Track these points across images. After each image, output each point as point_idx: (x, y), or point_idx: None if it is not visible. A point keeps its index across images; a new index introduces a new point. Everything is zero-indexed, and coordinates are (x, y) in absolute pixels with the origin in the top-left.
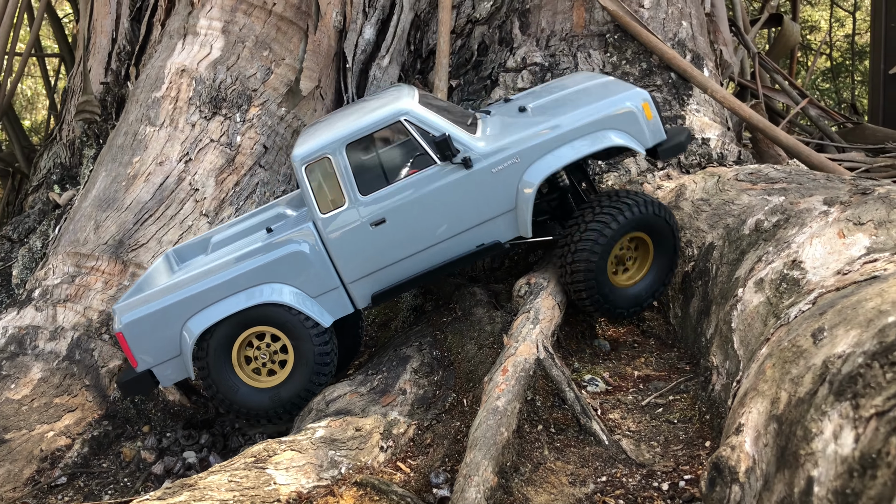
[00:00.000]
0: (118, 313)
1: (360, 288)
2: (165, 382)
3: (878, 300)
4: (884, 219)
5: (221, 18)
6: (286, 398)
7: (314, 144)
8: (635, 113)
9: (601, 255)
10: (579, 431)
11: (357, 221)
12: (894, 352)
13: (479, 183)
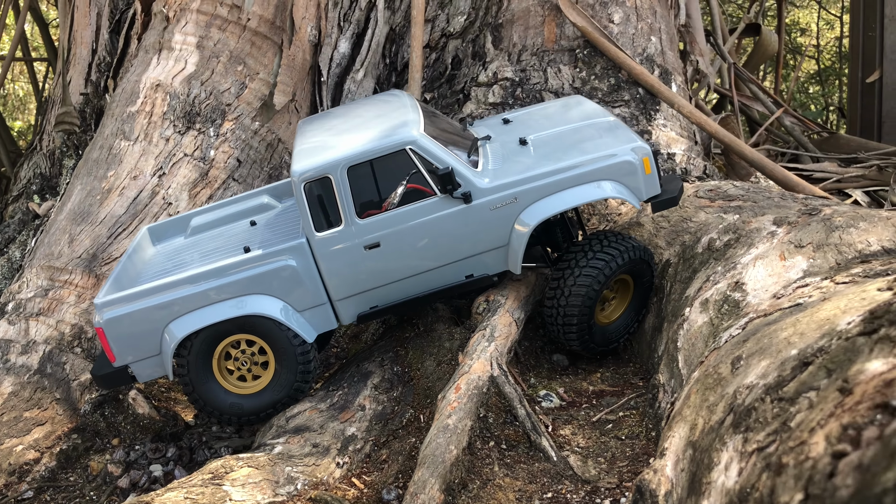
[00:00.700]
0: (99, 308)
1: (346, 306)
2: (142, 379)
3: (791, 330)
4: (822, 242)
5: (196, 34)
6: (266, 403)
7: (316, 162)
8: (636, 167)
9: (593, 300)
10: (529, 448)
11: (351, 243)
12: (785, 387)
13: (475, 218)
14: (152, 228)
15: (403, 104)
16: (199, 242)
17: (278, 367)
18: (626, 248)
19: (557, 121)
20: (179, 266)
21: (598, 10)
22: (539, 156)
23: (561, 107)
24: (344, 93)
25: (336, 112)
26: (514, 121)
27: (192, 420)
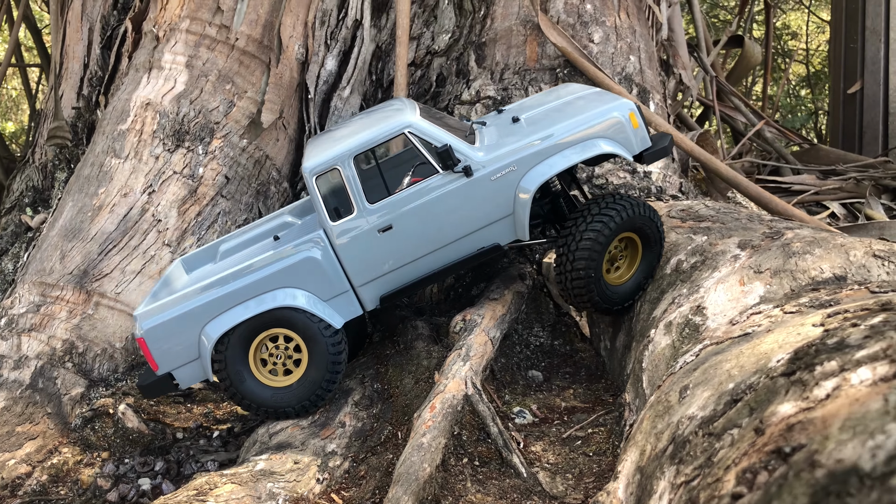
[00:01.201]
0: (139, 320)
1: (368, 291)
2: (185, 384)
3: (734, 363)
4: (780, 268)
5: (185, 53)
6: (303, 394)
7: (323, 157)
8: (623, 122)
9: (598, 258)
10: (501, 464)
11: (365, 228)
12: (715, 422)
13: (478, 190)
14: (186, 259)
15: (402, 105)
16: (235, 261)
17: (310, 357)
18: (624, 207)
19: (547, 100)
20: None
21: (578, 29)
22: (531, 128)
23: (550, 90)
24: (331, 109)
25: (341, 124)
26: (508, 109)
27: (181, 434)
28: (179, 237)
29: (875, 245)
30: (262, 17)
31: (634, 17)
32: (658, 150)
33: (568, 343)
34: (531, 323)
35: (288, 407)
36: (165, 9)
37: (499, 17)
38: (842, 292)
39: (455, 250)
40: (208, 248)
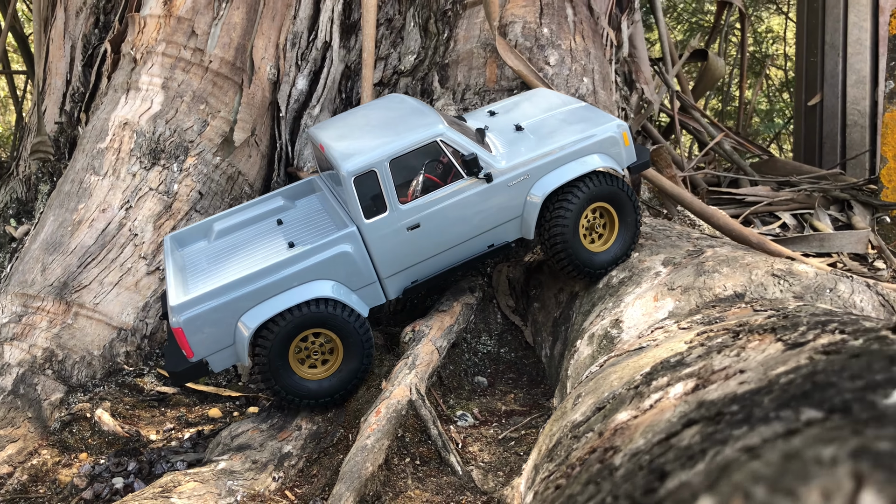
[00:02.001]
0: (177, 311)
1: (393, 283)
2: (217, 369)
3: (618, 374)
4: (690, 285)
5: (161, 75)
6: (342, 384)
7: (362, 160)
8: (618, 140)
9: (571, 226)
10: (440, 463)
11: (396, 226)
12: (582, 426)
13: (496, 194)
14: (175, 236)
15: (416, 105)
16: (234, 242)
17: (345, 349)
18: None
19: (539, 109)
20: (225, 263)
21: (535, 52)
22: (538, 138)
23: (532, 97)
24: (301, 127)
25: (347, 117)
26: (499, 112)
27: (154, 436)
28: (155, 250)
29: (776, 265)
30: (234, 40)
31: (590, 39)
32: (641, 164)
33: (513, 351)
34: (479, 332)
35: (328, 397)
36: (143, 32)
37: (461, 40)
38: (731, 310)
39: (470, 247)
40: (200, 225)
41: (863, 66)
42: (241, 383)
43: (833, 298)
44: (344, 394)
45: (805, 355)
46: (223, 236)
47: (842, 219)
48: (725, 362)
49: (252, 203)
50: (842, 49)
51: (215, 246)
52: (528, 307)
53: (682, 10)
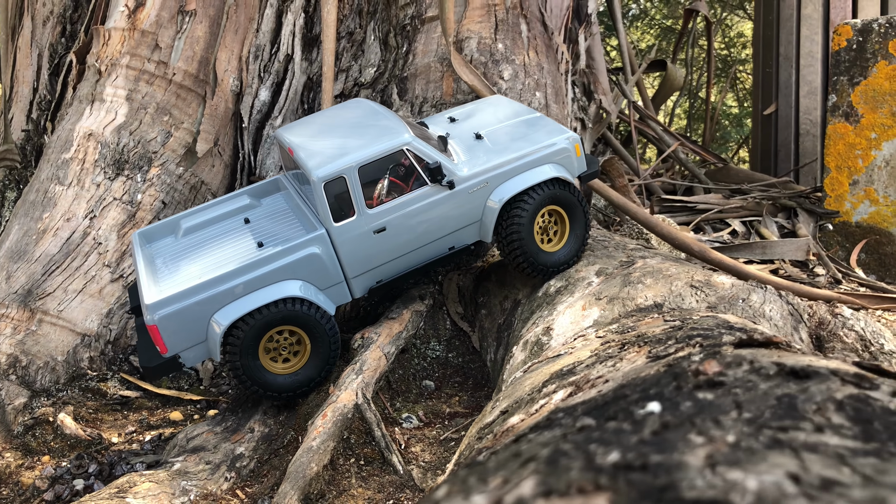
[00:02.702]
0: (152, 308)
1: (358, 282)
2: (189, 363)
3: (531, 381)
4: (615, 295)
5: (126, 87)
6: (309, 377)
7: (332, 167)
8: (570, 151)
9: (526, 228)
10: (383, 463)
11: (363, 229)
12: (488, 427)
13: (457, 200)
14: (143, 232)
15: (380, 110)
16: (202, 240)
17: (313, 345)
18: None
19: (497, 118)
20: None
21: (490, 67)
22: (497, 147)
23: (489, 104)
24: (263, 137)
25: (312, 120)
26: (459, 118)
27: (116, 438)
28: (119, 258)
29: (695, 276)
30: (198, 53)
31: (543, 55)
32: (591, 174)
33: (461, 356)
34: (429, 338)
35: (296, 390)
36: (107, 45)
37: (419, 54)
38: (644, 319)
39: (432, 249)
40: (167, 222)
41: (814, 77)
42: (203, 387)
43: (745, 308)
44: (310, 388)
45: (653, 368)
46: (191, 233)
47: (788, 226)
48: (602, 371)
49: (219, 201)
50: (795, 61)
51: (184, 243)
52: (475, 314)
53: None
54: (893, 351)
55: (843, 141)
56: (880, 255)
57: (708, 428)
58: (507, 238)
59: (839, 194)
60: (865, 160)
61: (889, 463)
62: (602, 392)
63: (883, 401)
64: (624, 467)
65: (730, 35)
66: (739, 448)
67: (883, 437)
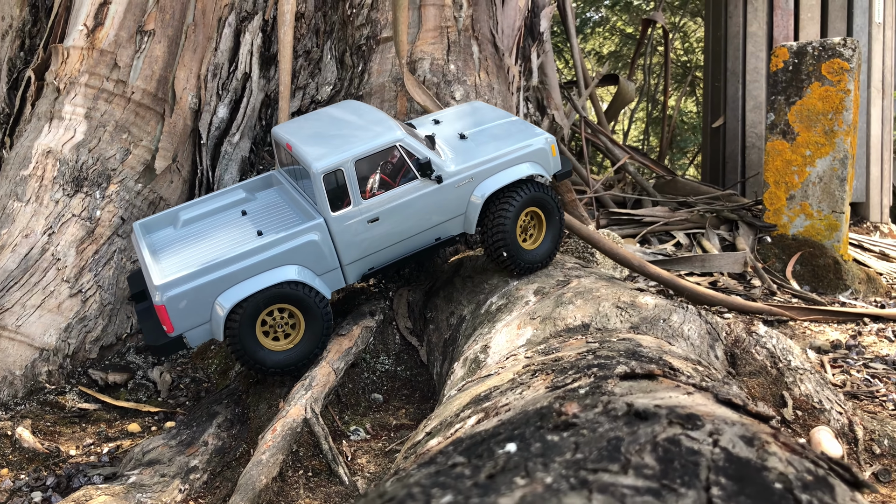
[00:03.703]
0: (161, 289)
1: (352, 269)
2: (194, 343)
3: (459, 401)
4: (548, 315)
5: (84, 105)
6: (302, 355)
7: (331, 160)
8: (546, 151)
9: (510, 227)
10: (330, 475)
11: (358, 218)
12: (414, 447)
13: (444, 194)
14: (144, 223)
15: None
16: (202, 230)
17: (307, 324)
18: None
19: (479, 120)
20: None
21: (442, 87)
22: (480, 146)
23: (471, 109)
24: (221, 153)
25: (308, 120)
26: (443, 121)
27: (74, 451)
28: (77, 274)
29: (622, 297)
30: (156, 72)
31: (494, 75)
32: (565, 172)
33: (409, 369)
34: (378, 352)
35: (291, 365)
36: (66, 63)
37: (375, 73)
38: (569, 341)
39: (421, 239)
40: (167, 213)
41: (759, 92)
42: (160, 399)
43: (665, 328)
44: (303, 364)
45: (547, 399)
46: (190, 224)
47: (729, 238)
48: (510, 399)
49: (216, 195)
50: (741, 76)
51: (184, 232)
52: (424, 329)
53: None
54: (799, 367)
55: (780, 157)
56: (814, 266)
57: (535, 470)
58: (492, 235)
59: (777, 208)
60: (801, 176)
61: (661, 501)
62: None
63: (697, 440)
64: None
65: (689, 41)
66: (549, 489)
67: (675, 475)
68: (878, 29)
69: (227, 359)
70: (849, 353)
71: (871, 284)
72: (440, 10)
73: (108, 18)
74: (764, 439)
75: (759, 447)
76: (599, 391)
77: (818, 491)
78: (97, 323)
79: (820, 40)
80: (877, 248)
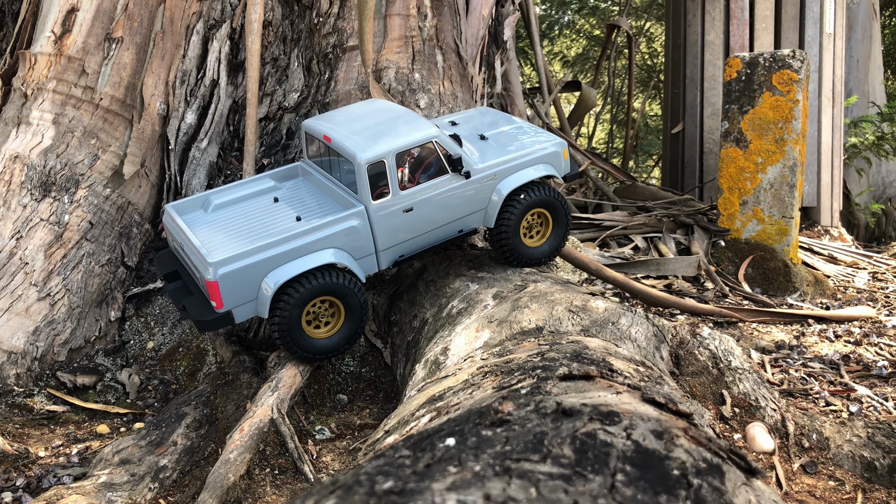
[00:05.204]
0: (215, 266)
1: (386, 255)
2: (239, 319)
3: (417, 401)
4: (504, 318)
5: (52, 111)
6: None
7: (375, 151)
8: (560, 154)
9: (515, 223)
10: (296, 473)
11: (395, 208)
12: (371, 444)
13: (471, 189)
14: (176, 205)
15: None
16: (237, 213)
17: (347, 313)
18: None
19: (493, 123)
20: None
21: (407, 96)
22: (501, 147)
23: (482, 113)
24: (189, 158)
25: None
26: (460, 122)
27: (43, 452)
28: (46, 278)
29: (575, 301)
30: (125, 79)
31: (458, 84)
32: (575, 174)
33: (373, 370)
34: (344, 354)
35: (333, 350)
36: (34, 69)
37: (341, 81)
38: (523, 343)
39: (446, 231)
40: (197, 197)
41: (717, 99)
42: (129, 400)
43: (613, 331)
44: (343, 350)
45: (492, 398)
46: (223, 209)
47: (685, 242)
48: (461, 399)
49: (245, 182)
50: (699, 83)
51: (219, 216)
52: (388, 331)
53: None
54: (738, 367)
55: (734, 164)
56: (765, 269)
57: (467, 460)
58: (497, 232)
59: (731, 213)
60: (753, 182)
61: (571, 485)
62: (439, 423)
63: (613, 434)
64: (389, 492)
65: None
66: (476, 475)
67: (587, 464)
68: (829, 39)
69: (195, 361)
70: (790, 353)
71: (818, 287)
72: (405, 20)
73: (75, 25)
74: (674, 433)
75: (668, 440)
76: (538, 391)
77: (709, 476)
78: (65, 326)
79: (771, 52)
80: (826, 252)
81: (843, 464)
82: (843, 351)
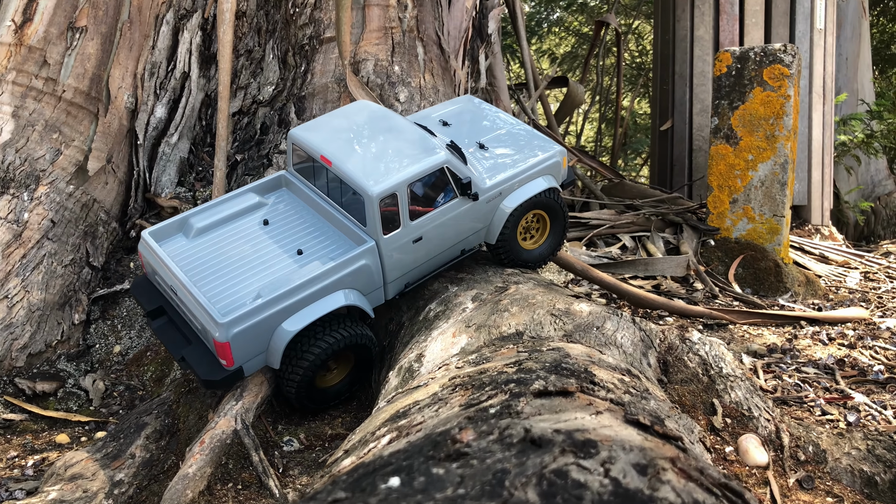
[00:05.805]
0: (226, 327)
1: (393, 286)
2: (249, 372)
3: (383, 416)
4: (483, 323)
5: (11, 104)
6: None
7: (388, 184)
8: (560, 164)
9: (511, 229)
10: (260, 487)
11: (406, 239)
12: (346, 453)
13: (477, 209)
14: (152, 231)
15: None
16: (226, 241)
17: (357, 361)
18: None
19: (488, 126)
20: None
21: (387, 89)
22: (503, 159)
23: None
24: (159, 154)
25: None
26: (451, 123)
27: None
28: (3, 279)
29: (557, 304)
30: (89, 70)
31: (439, 77)
32: (570, 181)
33: None
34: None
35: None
36: None
37: (318, 74)
38: (501, 350)
39: (450, 253)
40: (176, 220)
41: (706, 96)
42: (93, 407)
43: (598, 336)
44: (346, 397)
45: (458, 419)
46: (206, 233)
47: (674, 241)
48: (426, 416)
49: (226, 198)
50: (689, 80)
51: (204, 243)
52: None
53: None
54: (730, 374)
55: (724, 161)
56: (756, 269)
57: None
58: (493, 245)
59: (720, 212)
60: (744, 180)
61: None
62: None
63: (588, 470)
64: None
65: (643, 42)
66: None
67: None
68: (820, 35)
69: (163, 366)
70: (783, 358)
71: (810, 287)
72: (384, 11)
73: (37, 14)
74: (660, 466)
75: (653, 475)
76: (508, 411)
77: None
78: (24, 330)
79: (761, 46)
80: (817, 251)
81: (842, 478)
82: (837, 355)
